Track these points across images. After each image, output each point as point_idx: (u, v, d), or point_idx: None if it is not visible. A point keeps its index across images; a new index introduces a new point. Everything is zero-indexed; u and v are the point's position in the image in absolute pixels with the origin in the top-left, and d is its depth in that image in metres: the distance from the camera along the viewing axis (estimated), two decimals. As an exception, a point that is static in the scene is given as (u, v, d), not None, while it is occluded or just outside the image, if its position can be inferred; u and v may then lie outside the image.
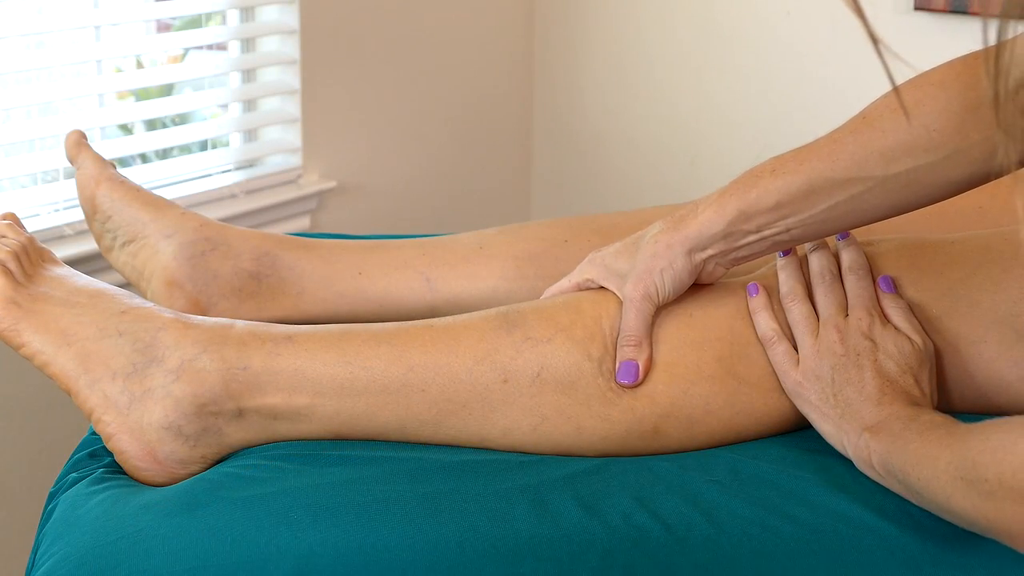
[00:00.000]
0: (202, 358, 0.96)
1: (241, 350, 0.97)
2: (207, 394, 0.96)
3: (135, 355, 0.96)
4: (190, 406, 0.95)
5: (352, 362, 0.97)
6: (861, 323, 0.97)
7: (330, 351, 0.98)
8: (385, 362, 0.97)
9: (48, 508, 0.99)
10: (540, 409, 0.97)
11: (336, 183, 2.11)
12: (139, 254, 1.15)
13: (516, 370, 0.98)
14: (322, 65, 2.06)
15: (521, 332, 0.99)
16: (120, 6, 1.85)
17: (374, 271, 1.16)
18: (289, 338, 0.98)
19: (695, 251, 0.99)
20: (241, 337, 0.98)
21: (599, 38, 2.33)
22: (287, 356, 0.97)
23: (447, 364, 0.98)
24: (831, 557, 0.85)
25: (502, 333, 0.99)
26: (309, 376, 0.97)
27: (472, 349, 0.98)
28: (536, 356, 0.98)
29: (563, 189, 2.46)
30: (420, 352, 0.98)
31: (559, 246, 1.16)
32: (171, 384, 0.95)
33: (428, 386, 0.97)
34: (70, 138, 1.19)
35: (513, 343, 0.98)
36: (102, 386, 0.96)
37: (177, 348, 0.96)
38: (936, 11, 1.91)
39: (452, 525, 0.87)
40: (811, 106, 2.10)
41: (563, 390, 0.97)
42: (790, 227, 0.97)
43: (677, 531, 0.87)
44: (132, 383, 0.96)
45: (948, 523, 0.86)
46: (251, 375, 0.96)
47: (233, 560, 0.85)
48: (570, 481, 0.92)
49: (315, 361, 0.97)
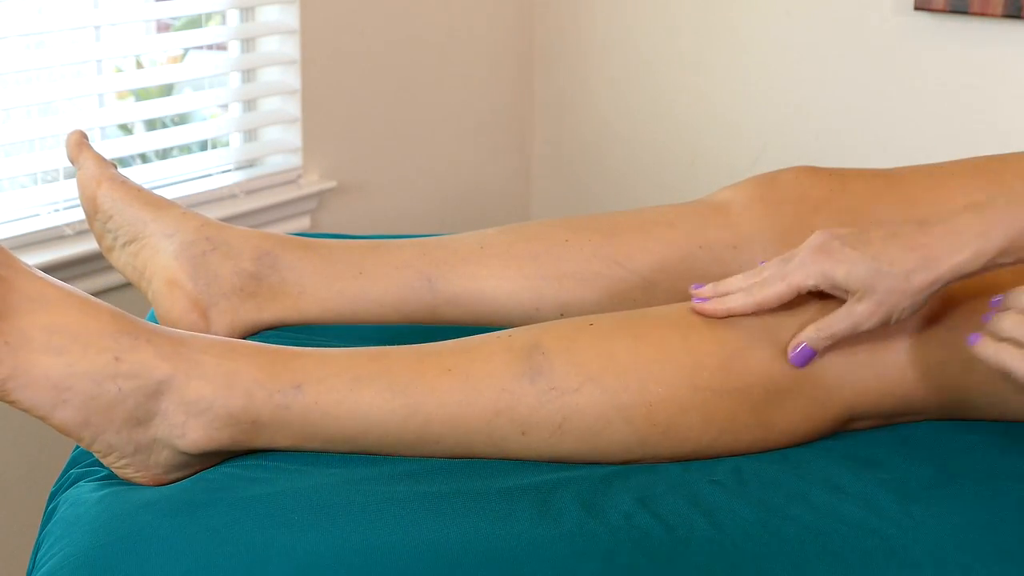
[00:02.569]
0: (207, 415, 0.94)
1: (248, 403, 0.94)
2: (214, 446, 0.95)
3: (137, 409, 0.93)
4: (197, 453, 0.95)
5: (366, 418, 0.95)
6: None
7: (342, 406, 0.95)
8: (400, 418, 0.95)
9: (49, 508, 0.99)
10: (557, 457, 0.96)
11: (336, 183, 2.11)
12: (140, 254, 1.15)
13: (536, 423, 0.95)
14: (322, 65, 2.06)
15: (546, 381, 0.95)
16: (120, 6, 1.85)
17: (374, 271, 1.16)
18: (297, 387, 0.95)
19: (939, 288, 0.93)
20: (246, 387, 0.94)
21: (599, 38, 2.33)
22: (296, 410, 0.95)
23: (463, 418, 0.95)
24: (832, 558, 0.85)
25: (525, 381, 0.95)
26: (320, 431, 0.95)
27: (492, 402, 0.95)
28: (560, 408, 0.95)
29: (563, 189, 2.46)
30: (436, 405, 0.95)
31: (559, 246, 1.16)
32: (177, 440, 0.94)
33: (443, 439, 0.96)
34: (71, 138, 1.18)
35: (536, 393, 0.95)
36: (106, 438, 0.93)
37: (181, 404, 0.94)
38: (936, 11, 1.91)
39: (453, 525, 0.87)
40: (811, 106, 2.10)
41: (585, 441, 0.95)
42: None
43: (679, 532, 0.87)
44: (136, 434, 0.93)
45: (948, 524, 0.86)
46: (259, 427, 0.95)
47: (233, 560, 0.85)
48: (572, 481, 0.92)
49: (326, 417, 0.95)
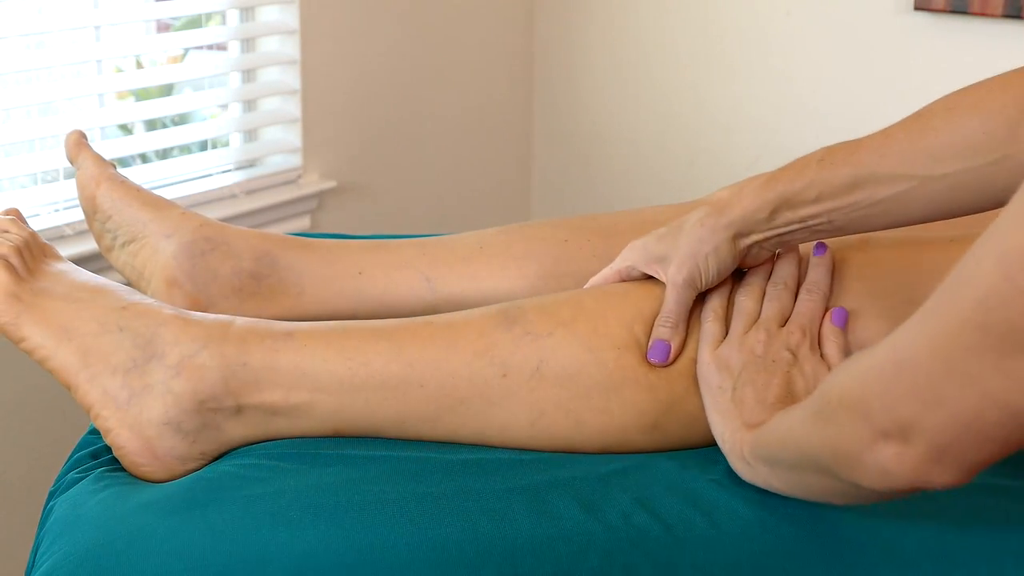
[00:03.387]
0: (202, 354, 0.96)
1: (241, 346, 0.97)
2: (206, 390, 0.96)
3: (135, 351, 0.96)
4: (189, 402, 0.96)
5: (352, 358, 0.97)
6: (792, 336, 0.97)
7: (330, 348, 0.98)
8: (385, 358, 0.98)
9: (48, 507, 0.99)
10: (539, 404, 0.98)
11: (336, 183, 2.12)
12: (139, 254, 1.15)
13: (515, 365, 0.98)
14: (322, 65, 2.06)
15: (521, 327, 0.99)
16: (120, 6, 1.85)
17: (374, 271, 1.16)
18: (289, 334, 0.98)
19: (740, 236, 0.99)
20: (241, 334, 0.98)
21: (599, 38, 2.33)
22: (287, 352, 0.97)
23: (446, 359, 0.98)
24: (830, 557, 0.85)
25: (502, 329, 0.99)
26: (308, 372, 0.97)
27: (471, 344, 0.98)
28: (536, 350, 0.98)
29: (563, 189, 2.46)
30: (419, 348, 0.98)
31: (559, 246, 1.16)
32: (171, 380, 0.96)
33: (427, 381, 0.97)
34: (70, 138, 1.19)
35: (513, 338, 0.99)
36: (102, 381, 0.96)
37: (177, 344, 0.97)
38: (936, 11, 1.91)
39: (452, 525, 0.87)
40: (811, 106, 2.10)
41: (562, 384, 0.98)
42: (833, 218, 0.96)
43: (677, 531, 0.87)
44: (132, 379, 0.96)
45: (949, 525, 0.86)
46: (250, 371, 0.96)
47: (232, 559, 0.85)
48: (570, 481, 0.92)
49: (315, 358, 0.97)
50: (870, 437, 0.71)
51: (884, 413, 0.70)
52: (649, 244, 1.04)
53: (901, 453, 0.69)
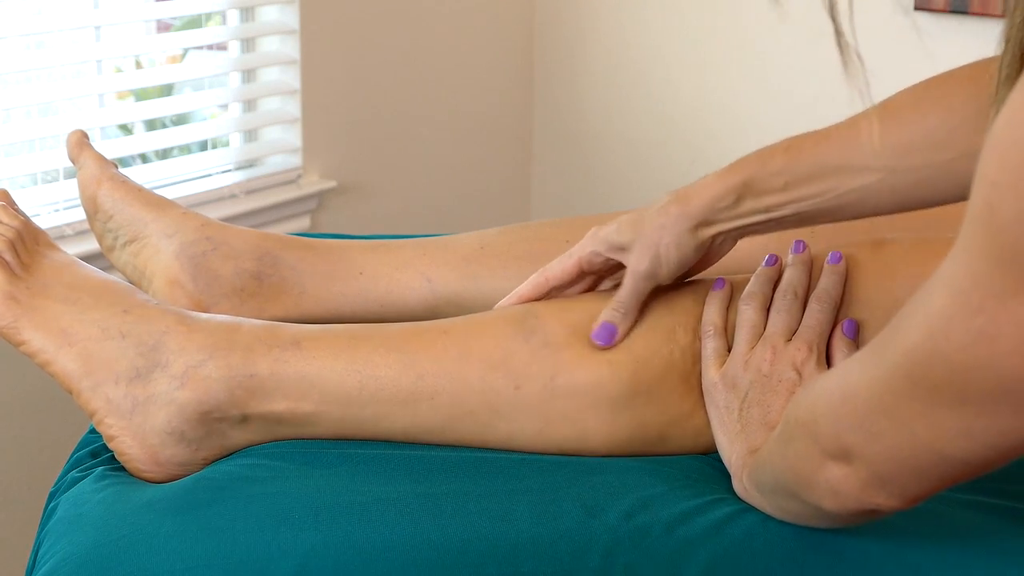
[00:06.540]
0: (207, 364, 0.95)
1: (247, 356, 0.95)
2: (211, 401, 0.94)
3: (138, 359, 0.95)
4: (194, 413, 0.95)
5: (361, 371, 0.96)
6: (798, 353, 0.93)
7: (339, 359, 0.96)
8: (396, 371, 0.96)
9: (49, 507, 0.99)
10: (547, 414, 0.96)
11: (336, 183, 2.12)
12: (140, 254, 1.15)
13: (531, 376, 0.96)
14: (322, 65, 2.06)
15: (539, 339, 0.97)
16: (120, 6, 1.85)
17: (375, 271, 1.16)
18: (296, 343, 0.96)
19: (702, 226, 0.96)
20: (247, 342, 0.96)
21: (599, 38, 2.33)
22: (294, 363, 0.96)
23: (459, 372, 0.96)
24: (832, 557, 0.85)
25: (519, 339, 0.97)
26: (316, 384, 0.95)
27: (487, 356, 0.96)
28: (552, 364, 0.96)
29: (563, 189, 2.46)
30: (431, 360, 0.96)
31: (560, 246, 1.16)
32: (175, 391, 0.94)
33: (438, 394, 0.96)
34: (72, 138, 1.19)
35: (531, 350, 0.96)
36: (105, 390, 0.94)
37: (182, 353, 0.95)
38: (936, 11, 1.91)
39: (453, 525, 0.87)
40: (811, 106, 2.10)
41: (573, 395, 0.96)
42: (798, 209, 0.94)
43: (678, 531, 0.87)
44: (135, 387, 0.94)
45: (949, 525, 0.86)
46: (256, 382, 0.95)
47: (234, 559, 0.85)
48: (571, 481, 0.92)
49: (323, 369, 0.95)
50: (820, 457, 0.73)
51: (830, 437, 0.72)
52: (611, 232, 1.00)
53: (848, 475, 0.71)
